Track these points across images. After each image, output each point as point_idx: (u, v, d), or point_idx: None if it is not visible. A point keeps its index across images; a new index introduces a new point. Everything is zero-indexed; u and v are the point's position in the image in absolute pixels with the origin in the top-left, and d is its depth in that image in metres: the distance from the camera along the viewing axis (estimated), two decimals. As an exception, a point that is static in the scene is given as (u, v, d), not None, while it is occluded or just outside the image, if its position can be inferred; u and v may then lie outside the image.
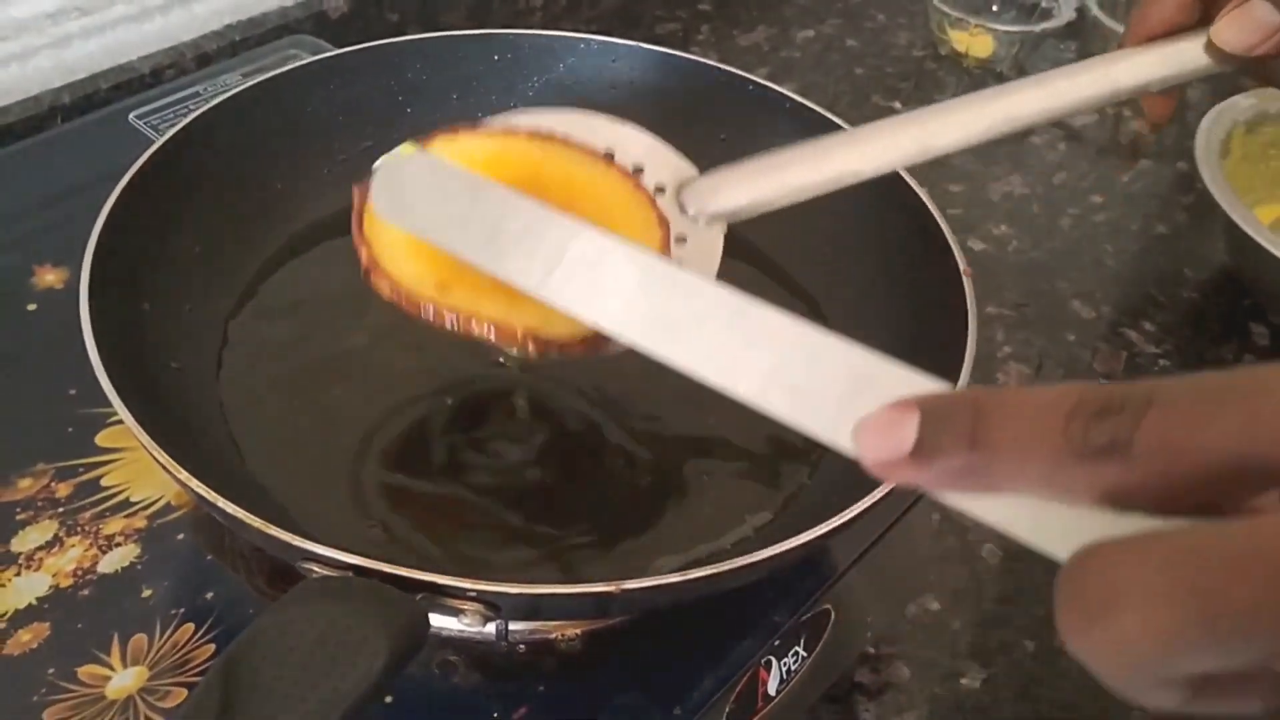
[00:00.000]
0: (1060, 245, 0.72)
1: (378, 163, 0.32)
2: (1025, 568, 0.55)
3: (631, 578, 0.31)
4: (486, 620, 0.30)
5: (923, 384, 0.23)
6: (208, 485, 0.32)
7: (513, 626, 0.38)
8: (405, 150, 0.33)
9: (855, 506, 0.33)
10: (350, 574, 0.30)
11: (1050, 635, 0.52)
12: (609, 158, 0.37)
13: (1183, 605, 0.18)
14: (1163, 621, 0.18)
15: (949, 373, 0.39)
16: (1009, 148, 0.80)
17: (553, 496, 0.41)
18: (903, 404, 0.22)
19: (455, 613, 0.30)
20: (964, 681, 0.50)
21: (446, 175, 0.31)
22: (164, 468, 0.33)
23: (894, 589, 0.50)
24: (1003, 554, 0.55)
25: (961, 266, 0.43)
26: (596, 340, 0.32)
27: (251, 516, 0.30)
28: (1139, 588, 0.19)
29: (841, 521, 0.33)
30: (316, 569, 0.31)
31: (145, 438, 0.33)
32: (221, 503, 0.31)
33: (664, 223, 0.36)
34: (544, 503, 0.41)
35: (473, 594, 0.30)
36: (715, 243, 0.36)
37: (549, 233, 0.28)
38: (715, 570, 0.31)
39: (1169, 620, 0.18)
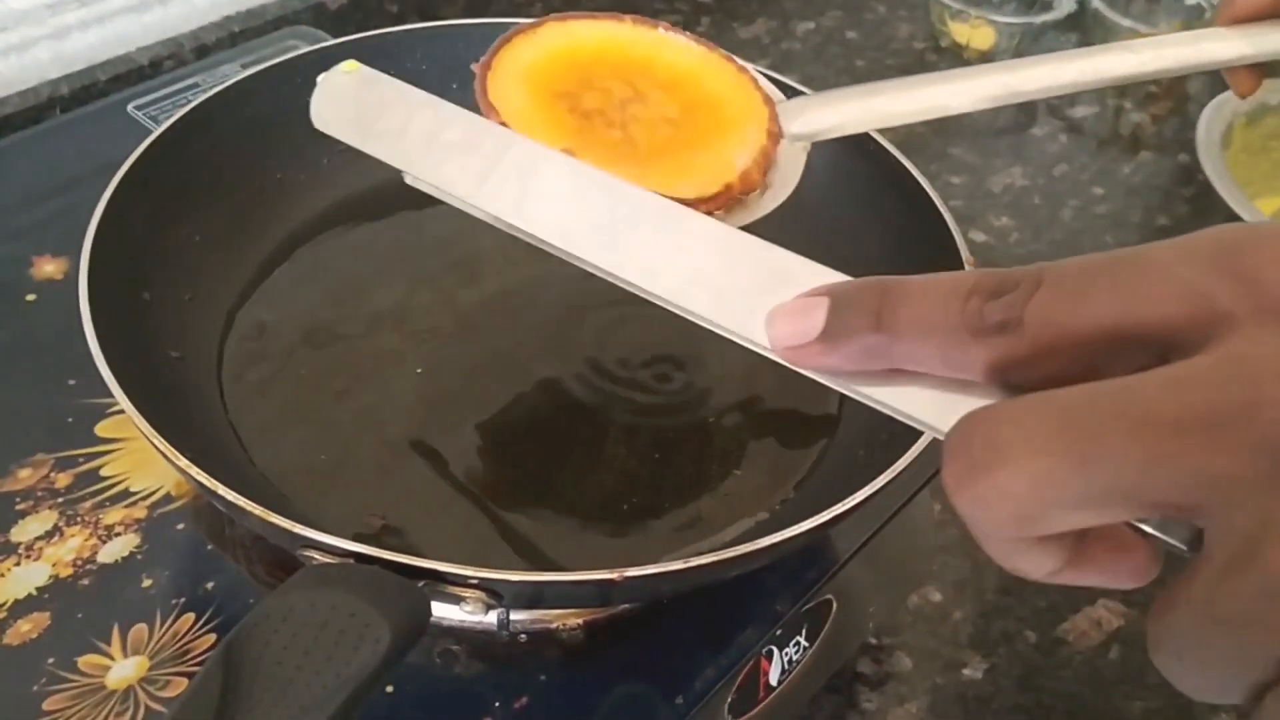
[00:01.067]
0: (1061, 237, 0.72)
1: (320, 77, 0.32)
2: (1027, 559, 0.54)
3: (633, 566, 0.30)
4: (488, 608, 0.30)
5: (837, 278, 0.24)
6: (208, 473, 0.31)
7: (514, 616, 0.38)
8: (348, 66, 0.33)
9: (857, 494, 0.33)
10: (351, 561, 0.29)
11: (1052, 626, 0.52)
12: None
13: (1060, 452, 0.19)
14: (1040, 468, 0.19)
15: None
16: (1009, 139, 0.80)
17: (554, 485, 0.41)
18: (813, 291, 0.24)
19: (457, 600, 0.30)
20: (965, 671, 0.50)
21: (386, 89, 0.31)
22: (165, 456, 0.33)
23: (895, 580, 0.50)
24: (1004, 545, 0.55)
25: (965, 257, 0.43)
26: (721, 198, 0.32)
27: (252, 504, 0.30)
28: (1020, 439, 0.20)
29: (844, 509, 0.32)
30: (317, 557, 0.31)
31: (145, 426, 0.33)
32: (222, 490, 0.31)
33: (769, 101, 0.36)
34: (545, 490, 0.40)
35: (474, 581, 0.29)
36: (798, 162, 0.36)
37: (484, 142, 0.28)
38: (717, 558, 0.31)
39: (1046, 466, 0.19)
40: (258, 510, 0.30)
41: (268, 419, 0.41)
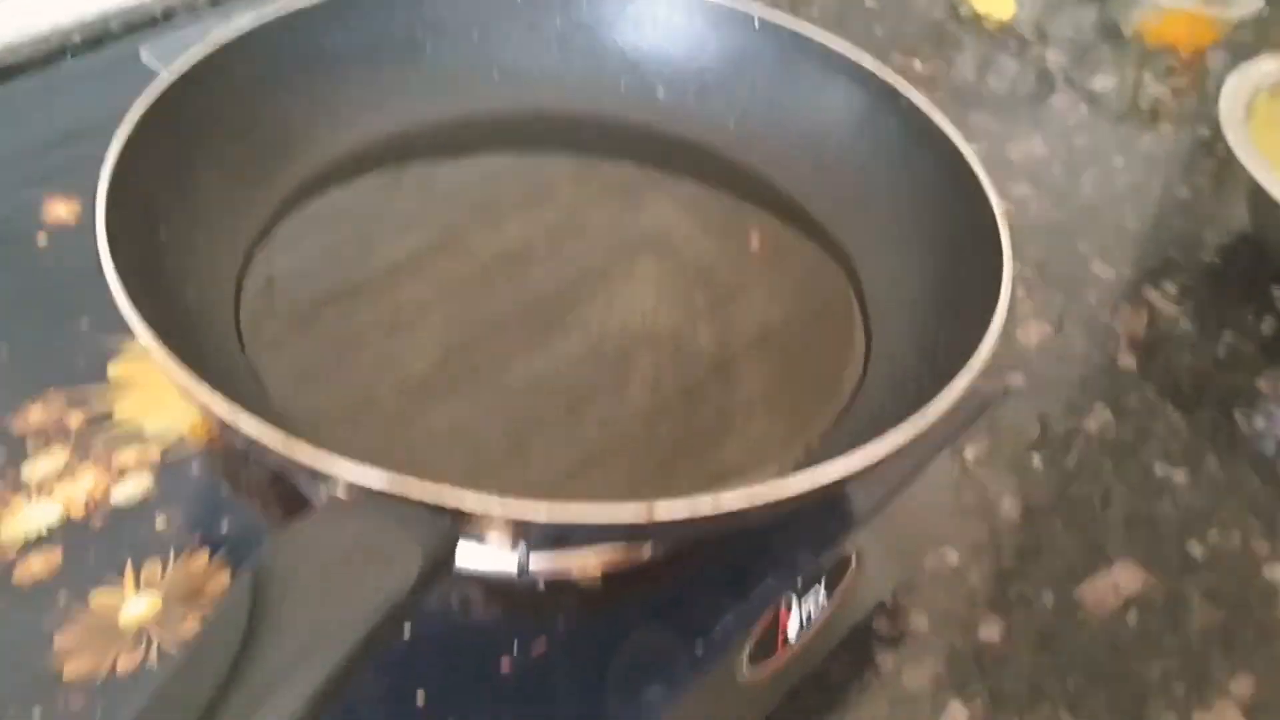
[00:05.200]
0: (1081, 206, 0.72)
1: None
2: (1044, 523, 0.54)
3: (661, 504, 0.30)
4: (514, 543, 0.30)
5: None
6: (232, 404, 0.31)
7: (534, 565, 0.38)
8: None
9: (885, 441, 0.32)
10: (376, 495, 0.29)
11: (1070, 589, 0.51)
12: None
13: None
14: None
15: (981, 321, 0.38)
16: (1029, 109, 0.79)
17: (578, 434, 0.40)
18: None
19: (482, 537, 0.30)
20: (982, 632, 0.49)
21: None
22: (184, 389, 0.32)
23: (914, 539, 0.49)
24: (1022, 509, 0.54)
25: (998, 210, 0.42)
26: None
27: (275, 434, 0.30)
28: None
29: (874, 460, 0.32)
30: (340, 493, 0.30)
31: (165, 358, 0.32)
32: (244, 422, 0.30)
33: None
34: (569, 440, 0.40)
35: (501, 517, 0.29)
36: None
37: None
38: (748, 502, 0.30)
39: None
40: (280, 441, 0.29)
41: (285, 361, 0.40)
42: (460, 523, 0.28)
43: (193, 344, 0.37)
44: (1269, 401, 0.61)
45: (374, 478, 0.28)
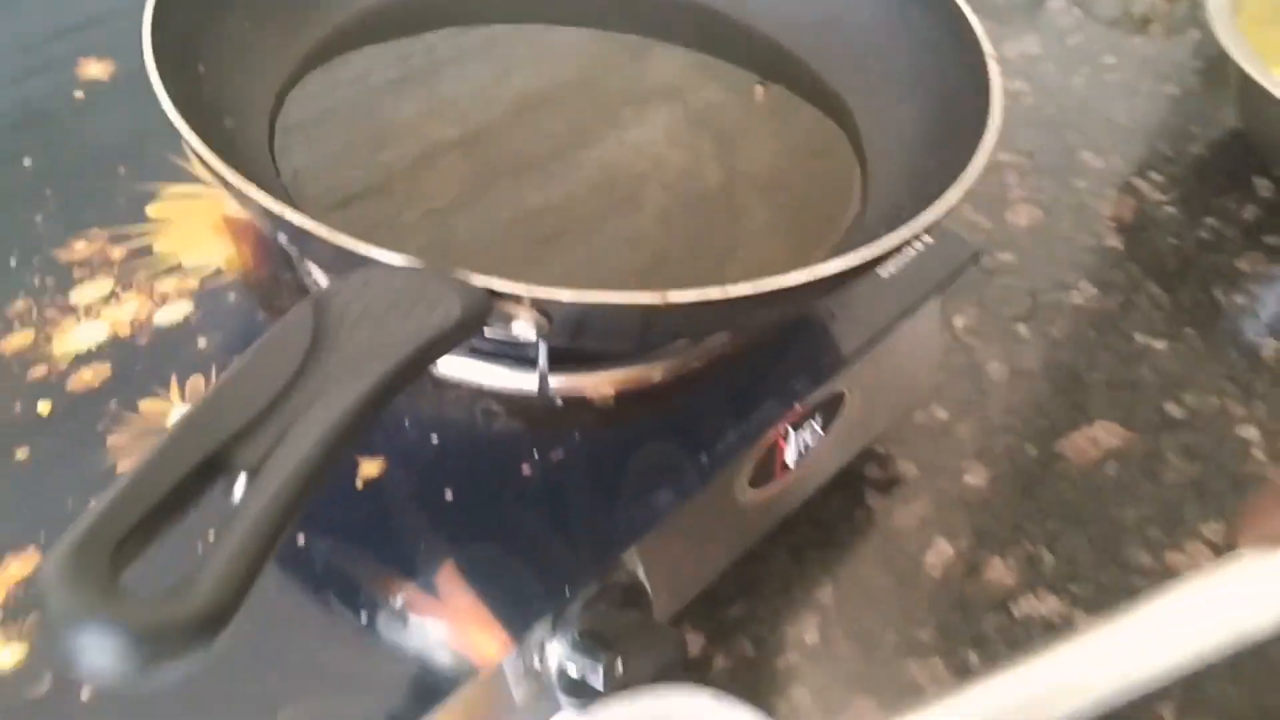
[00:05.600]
0: (1072, 102, 0.74)
1: None
2: (1029, 385, 0.57)
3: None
4: (539, 329, 0.32)
5: None
6: (279, 202, 0.33)
7: (552, 385, 0.41)
8: None
9: (880, 243, 0.35)
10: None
11: (1051, 442, 0.54)
12: None
13: None
14: None
15: (969, 152, 0.40)
16: (1023, 10, 0.81)
17: (596, 242, 0.42)
18: None
19: (509, 319, 0.32)
20: (968, 479, 0.53)
21: None
22: (234, 191, 0.34)
23: (903, 387, 0.52)
24: (1009, 372, 0.57)
25: (993, 71, 0.44)
26: None
27: (319, 225, 0.32)
28: None
29: (867, 259, 0.34)
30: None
31: (218, 163, 0.34)
32: (290, 214, 0.32)
33: None
34: (589, 246, 0.42)
35: (527, 299, 0.31)
36: None
37: None
38: (753, 290, 0.33)
39: None
40: (323, 230, 0.32)
41: (319, 189, 0.42)
42: (493, 300, 0.31)
43: (232, 163, 0.39)
44: (1249, 280, 0.63)
45: (416, 262, 0.31)
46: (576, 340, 0.35)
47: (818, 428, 0.46)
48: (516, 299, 0.32)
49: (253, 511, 0.21)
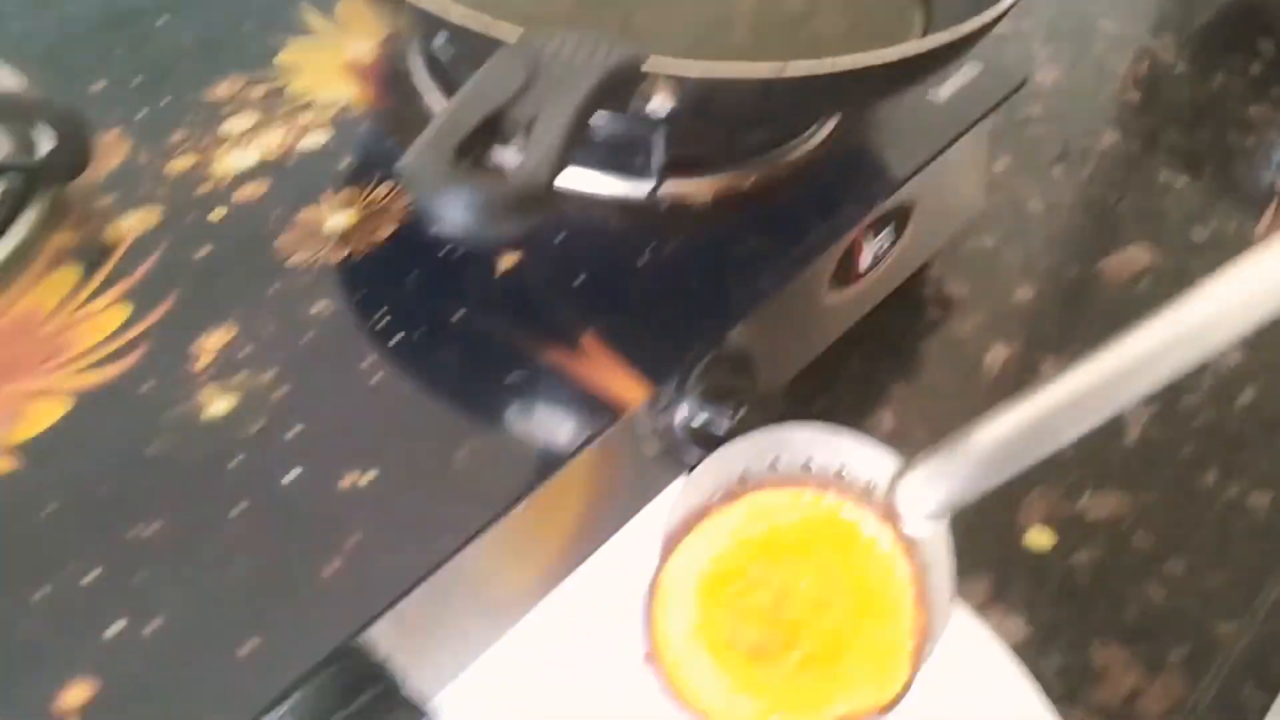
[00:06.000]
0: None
1: None
2: (1066, 216, 0.62)
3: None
4: (663, 106, 0.37)
5: None
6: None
7: (660, 191, 0.46)
8: None
9: (966, 25, 0.40)
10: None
11: (1090, 264, 0.60)
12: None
13: None
14: None
15: None
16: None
17: (700, 49, 0.47)
18: None
19: (647, 98, 0.37)
20: (1017, 295, 0.58)
21: None
22: None
23: (958, 213, 0.57)
24: (1046, 206, 0.63)
25: None
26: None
27: (465, 11, 0.37)
28: None
29: (958, 36, 0.39)
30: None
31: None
32: (452, 10, 0.37)
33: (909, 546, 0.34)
34: (692, 48, 0.47)
35: (658, 76, 0.36)
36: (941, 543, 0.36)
37: None
38: (869, 60, 0.37)
39: None
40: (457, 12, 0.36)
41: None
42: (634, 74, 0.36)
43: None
44: (1257, 125, 0.69)
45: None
46: (696, 120, 0.40)
47: (886, 241, 0.51)
48: (648, 74, 0.37)
49: (547, 126, 0.26)
